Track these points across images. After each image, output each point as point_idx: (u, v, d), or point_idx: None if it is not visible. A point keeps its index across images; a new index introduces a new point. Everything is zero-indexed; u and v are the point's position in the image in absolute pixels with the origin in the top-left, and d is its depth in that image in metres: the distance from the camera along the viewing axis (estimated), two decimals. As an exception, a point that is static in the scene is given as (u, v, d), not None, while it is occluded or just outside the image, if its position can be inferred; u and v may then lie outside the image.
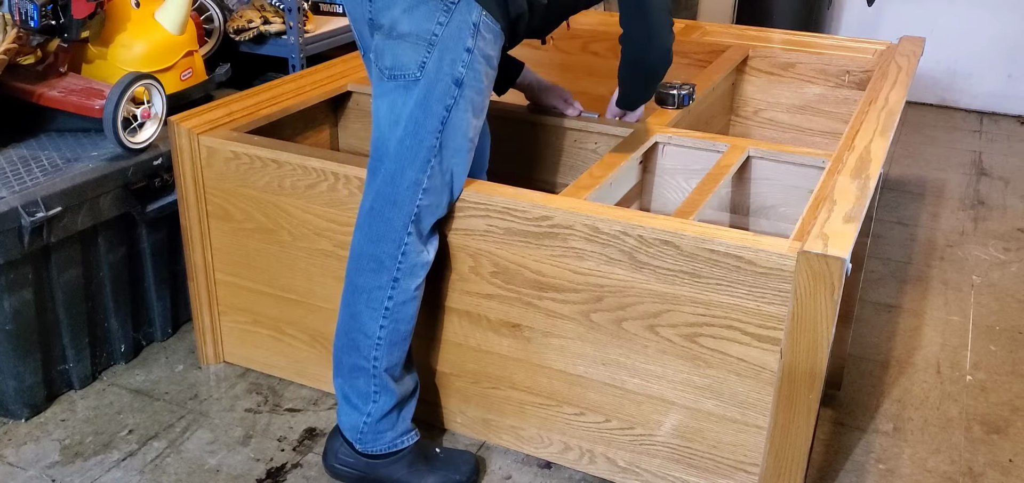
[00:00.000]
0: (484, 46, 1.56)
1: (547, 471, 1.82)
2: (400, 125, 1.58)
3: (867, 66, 2.62)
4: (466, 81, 1.55)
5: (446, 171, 1.61)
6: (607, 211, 1.60)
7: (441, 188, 1.61)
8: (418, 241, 1.62)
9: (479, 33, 1.54)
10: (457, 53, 1.54)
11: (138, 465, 1.82)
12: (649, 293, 1.57)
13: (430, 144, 1.57)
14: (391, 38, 1.56)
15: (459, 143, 1.59)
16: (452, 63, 1.54)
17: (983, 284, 2.66)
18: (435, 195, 1.61)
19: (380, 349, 1.64)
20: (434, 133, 1.56)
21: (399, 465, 1.70)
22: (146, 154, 2.06)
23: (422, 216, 1.61)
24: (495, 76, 1.63)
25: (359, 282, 1.65)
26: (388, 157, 1.60)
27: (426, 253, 1.64)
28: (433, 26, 1.53)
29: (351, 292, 1.66)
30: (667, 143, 2.04)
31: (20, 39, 2.10)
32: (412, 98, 1.56)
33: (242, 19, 2.74)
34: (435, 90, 1.55)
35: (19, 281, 1.85)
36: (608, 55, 2.80)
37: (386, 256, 1.61)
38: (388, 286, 1.62)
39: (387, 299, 1.62)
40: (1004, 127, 4.18)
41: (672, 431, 1.64)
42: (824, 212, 1.55)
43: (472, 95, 1.57)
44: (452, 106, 1.56)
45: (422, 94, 1.55)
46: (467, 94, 1.56)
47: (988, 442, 1.97)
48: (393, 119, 1.58)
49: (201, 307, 2.07)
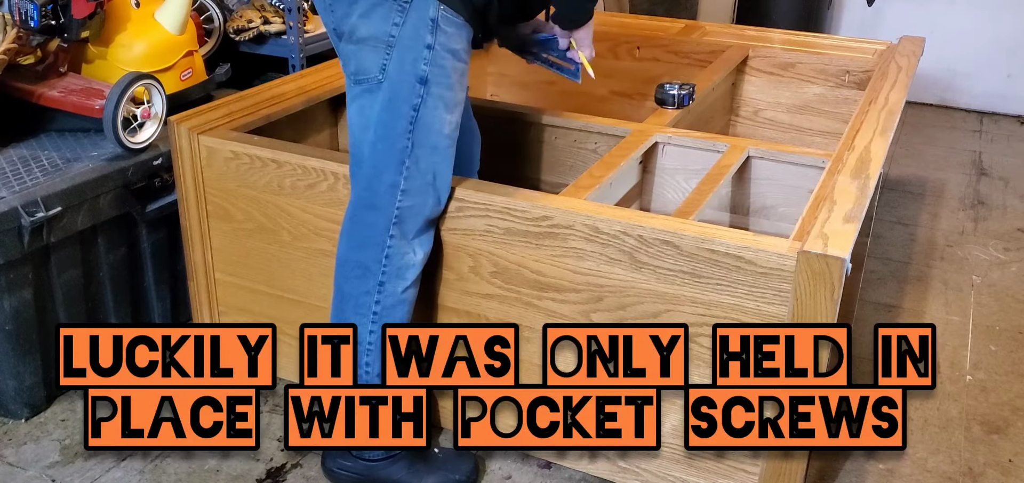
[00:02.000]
0: (447, 41, 1.55)
1: (547, 471, 1.82)
2: (370, 129, 1.58)
3: (867, 66, 2.62)
4: (431, 78, 1.55)
5: (425, 171, 1.59)
6: (607, 211, 1.60)
7: (422, 188, 1.60)
8: (402, 243, 1.61)
9: (439, 28, 1.53)
10: (418, 51, 1.53)
11: (138, 465, 1.82)
12: (649, 293, 1.57)
13: (402, 145, 1.57)
14: (352, 43, 1.57)
15: (434, 141, 1.58)
16: (413, 62, 1.53)
17: (983, 284, 2.66)
18: (416, 196, 1.60)
19: (371, 355, 1.64)
20: (404, 134, 1.56)
21: (398, 466, 1.70)
22: (146, 154, 2.06)
23: (404, 218, 1.60)
24: (466, 69, 1.61)
25: (346, 289, 1.65)
26: (364, 162, 1.60)
27: (413, 255, 1.63)
28: (389, 27, 1.53)
29: (339, 300, 1.67)
30: (667, 143, 2.04)
31: (20, 39, 2.10)
32: (378, 101, 1.56)
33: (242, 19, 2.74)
34: (400, 91, 1.55)
35: (19, 281, 1.85)
36: (608, 55, 2.80)
37: (370, 261, 1.62)
38: (375, 291, 1.62)
39: (374, 304, 1.63)
40: (1004, 127, 4.18)
41: (672, 431, 1.64)
42: (824, 212, 1.55)
43: (441, 91, 1.56)
44: (420, 105, 1.55)
45: (387, 96, 1.55)
46: (435, 91, 1.56)
47: (988, 442, 1.97)
48: (363, 123, 1.59)
49: (201, 307, 2.07)
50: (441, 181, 1.63)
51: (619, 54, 2.81)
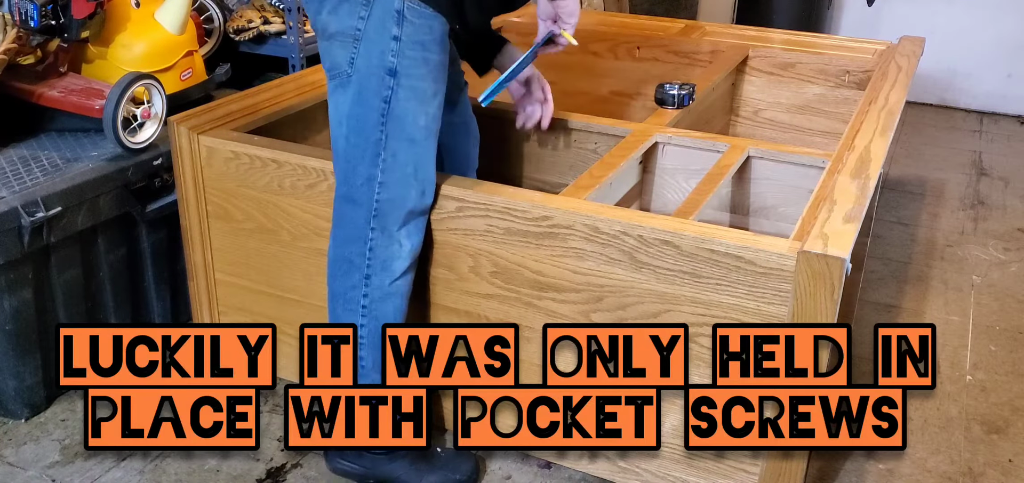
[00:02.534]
0: (414, 32, 1.54)
1: (547, 471, 1.82)
2: (343, 123, 1.59)
3: (867, 66, 2.62)
4: (400, 70, 1.54)
5: (403, 163, 1.59)
6: (607, 211, 1.60)
7: (401, 180, 1.60)
8: (384, 236, 1.61)
9: (405, 20, 1.53)
10: (384, 44, 1.53)
11: (138, 465, 1.82)
12: (649, 293, 1.57)
13: (375, 138, 1.57)
14: (325, 40, 1.58)
15: (410, 133, 1.58)
16: (381, 54, 1.54)
17: (983, 284, 2.66)
18: (395, 188, 1.60)
19: (365, 349, 1.64)
20: (376, 126, 1.56)
21: (400, 464, 1.70)
22: (146, 154, 2.06)
23: (384, 211, 1.60)
24: (442, 61, 1.60)
25: (335, 288, 1.66)
26: (340, 156, 1.61)
27: (398, 246, 1.63)
28: (355, 22, 1.53)
29: (331, 299, 1.68)
30: (667, 143, 2.04)
31: (20, 39, 2.10)
32: (349, 95, 1.57)
33: (242, 19, 2.74)
34: (369, 83, 1.55)
35: (19, 281, 1.85)
36: (608, 55, 2.80)
37: (355, 255, 1.62)
38: (361, 284, 1.63)
39: (362, 297, 1.63)
40: (1004, 127, 4.18)
41: (672, 431, 1.64)
42: (824, 212, 1.55)
43: (413, 83, 1.56)
44: (390, 97, 1.55)
45: (356, 90, 1.56)
46: (406, 83, 1.55)
47: (988, 442, 1.97)
48: (338, 118, 1.60)
49: (201, 307, 2.07)
50: (423, 172, 1.62)
51: (619, 54, 2.81)
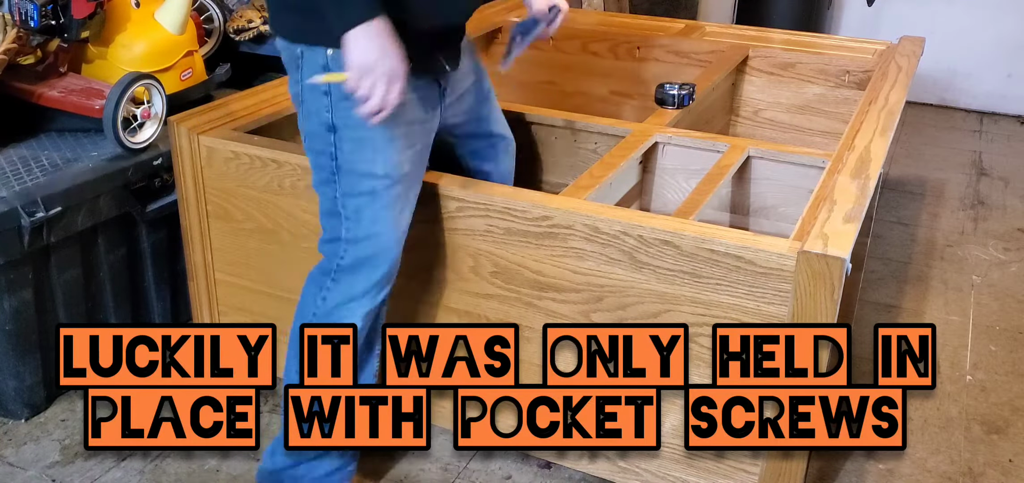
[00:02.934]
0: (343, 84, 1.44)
1: (547, 471, 1.82)
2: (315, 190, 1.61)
3: (867, 66, 2.62)
4: (338, 124, 1.51)
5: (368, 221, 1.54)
6: (607, 211, 1.60)
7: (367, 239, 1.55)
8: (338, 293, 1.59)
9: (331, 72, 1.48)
10: (318, 102, 1.51)
11: (138, 465, 1.82)
12: (649, 293, 1.57)
13: (332, 196, 1.56)
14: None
15: (369, 186, 1.52)
16: (318, 112, 1.52)
17: (983, 284, 2.66)
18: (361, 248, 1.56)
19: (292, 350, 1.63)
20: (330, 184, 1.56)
21: None
22: (146, 154, 2.06)
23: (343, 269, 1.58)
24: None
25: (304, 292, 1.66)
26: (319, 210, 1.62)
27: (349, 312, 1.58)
28: (295, 87, 1.54)
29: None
30: (667, 143, 2.04)
31: (20, 39, 2.10)
32: (310, 158, 1.58)
33: (242, 19, 2.74)
34: (316, 143, 1.55)
35: (19, 281, 1.85)
36: (608, 55, 2.80)
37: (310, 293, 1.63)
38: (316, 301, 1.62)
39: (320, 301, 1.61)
40: (1004, 127, 4.18)
41: (672, 431, 1.64)
42: (824, 212, 1.55)
43: (356, 134, 1.50)
44: (335, 153, 1.53)
45: (309, 151, 1.58)
46: (348, 135, 1.51)
47: (988, 442, 1.97)
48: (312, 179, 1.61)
49: (201, 307, 2.07)
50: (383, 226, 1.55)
51: (619, 54, 2.81)
